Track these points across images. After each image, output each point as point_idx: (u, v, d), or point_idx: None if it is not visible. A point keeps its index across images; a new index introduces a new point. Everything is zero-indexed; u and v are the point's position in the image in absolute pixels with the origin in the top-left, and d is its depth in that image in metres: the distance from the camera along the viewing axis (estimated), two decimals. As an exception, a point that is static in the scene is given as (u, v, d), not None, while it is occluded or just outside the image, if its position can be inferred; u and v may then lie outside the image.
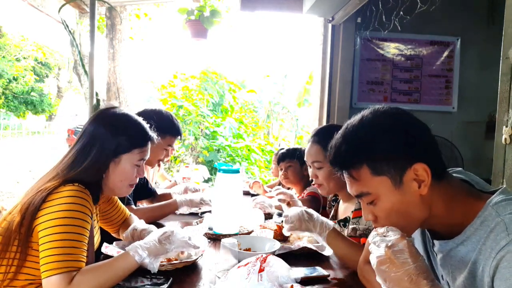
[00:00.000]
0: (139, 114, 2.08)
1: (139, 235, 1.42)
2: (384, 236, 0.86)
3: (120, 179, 1.32)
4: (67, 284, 1.05)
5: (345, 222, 1.59)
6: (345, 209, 1.69)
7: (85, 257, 1.14)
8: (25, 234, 1.13)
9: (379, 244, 0.85)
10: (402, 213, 0.90)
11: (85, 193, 1.19)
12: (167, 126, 2.05)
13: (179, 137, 2.14)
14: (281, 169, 2.48)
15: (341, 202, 1.77)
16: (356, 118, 0.95)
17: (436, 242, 0.95)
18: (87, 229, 1.16)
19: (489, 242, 0.81)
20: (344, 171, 0.95)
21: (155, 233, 1.25)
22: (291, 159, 2.45)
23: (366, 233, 1.43)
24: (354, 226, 1.50)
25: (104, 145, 1.28)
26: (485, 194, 0.90)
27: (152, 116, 2.06)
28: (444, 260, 0.93)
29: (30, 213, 1.14)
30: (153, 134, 1.41)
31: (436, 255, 0.96)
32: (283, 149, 2.66)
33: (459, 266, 0.89)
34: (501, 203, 0.83)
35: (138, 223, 1.51)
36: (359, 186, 0.92)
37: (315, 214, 1.42)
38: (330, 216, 1.82)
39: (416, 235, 1.05)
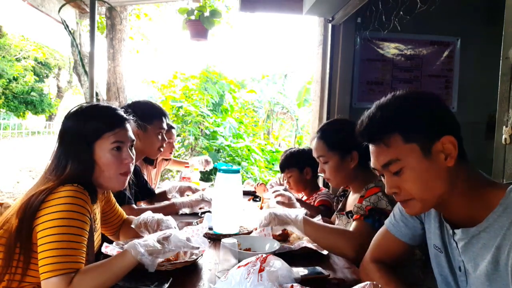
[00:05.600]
0: None
1: (155, 225, 1.44)
2: None
3: (102, 169, 1.27)
4: (66, 286, 1.05)
5: (352, 213, 1.60)
6: (353, 200, 1.70)
7: (84, 258, 1.13)
8: (26, 237, 1.13)
9: None
10: (426, 183, 0.94)
11: (84, 193, 1.18)
12: (150, 113, 2.04)
13: (165, 118, 2.12)
14: (285, 179, 2.47)
15: (350, 194, 1.78)
16: (387, 96, 1.02)
17: (457, 230, 0.97)
18: (86, 230, 1.16)
19: (504, 224, 0.85)
20: (374, 141, 1.00)
21: (155, 234, 1.24)
22: (289, 168, 2.41)
23: (359, 211, 1.48)
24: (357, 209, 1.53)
25: (73, 139, 1.25)
26: (502, 184, 0.95)
27: (132, 108, 2.06)
28: (466, 247, 0.96)
29: (29, 214, 1.13)
30: (124, 115, 1.35)
31: (457, 244, 0.98)
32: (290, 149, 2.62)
33: (481, 253, 0.92)
34: None
35: (149, 214, 1.50)
36: (389, 153, 0.96)
37: (284, 212, 1.48)
38: (338, 209, 1.82)
39: (434, 229, 1.08)
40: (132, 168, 1.37)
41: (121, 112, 1.36)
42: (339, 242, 1.41)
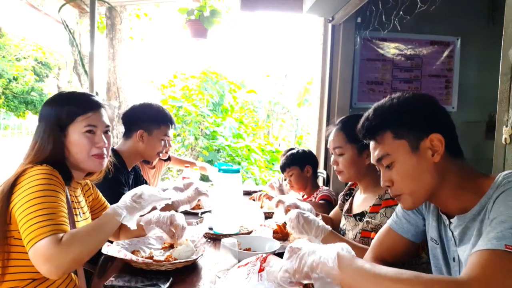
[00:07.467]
0: (128, 110, 2.12)
1: (168, 221, 1.45)
2: None
3: (75, 151, 1.33)
4: (56, 244, 1.05)
5: (361, 216, 1.59)
6: (362, 201, 1.68)
7: (67, 223, 1.15)
8: (2, 223, 1.15)
9: None
10: (415, 176, 1.01)
11: (53, 172, 1.22)
12: (159, 117, 2.05)
13: (172, 126, 2.12)
14: (285, 179, 2.49)
15: (357, 194, 1.76)
16: (386, 98, 1.11)
17: (453, 219, 1.02)
18: (63, 200, 1.18)
19: (492, 198, 0.91)
20: (370, 138, 1.09)
21: (127, 195, 1.32)
22: (289, 167, 2.44)
23: (377, 229, 1.44)
24: (369, 219, 1.51)
25: (48, 122, 1.32)
26: (493, 175, 0.99)
27: (142, 110, 2.07)
28: (463, 232, 1.00)
29: (3, 199, 1.16)
30: (99, 100, 1.40)
31: (453, 233, 1.03)
32: (290, 150, 2.59)
33: (473, 234, 0.96)
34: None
35: (157, 212, 1.50)
36: (381, 149, 1.05)
37: (312, 218, 1.45)
38: (344, 210, 1.79)
39: (432, 222, 1.12)
40: (108, 152, 1.42)
41: (96, 98, 1.42)
42: None
